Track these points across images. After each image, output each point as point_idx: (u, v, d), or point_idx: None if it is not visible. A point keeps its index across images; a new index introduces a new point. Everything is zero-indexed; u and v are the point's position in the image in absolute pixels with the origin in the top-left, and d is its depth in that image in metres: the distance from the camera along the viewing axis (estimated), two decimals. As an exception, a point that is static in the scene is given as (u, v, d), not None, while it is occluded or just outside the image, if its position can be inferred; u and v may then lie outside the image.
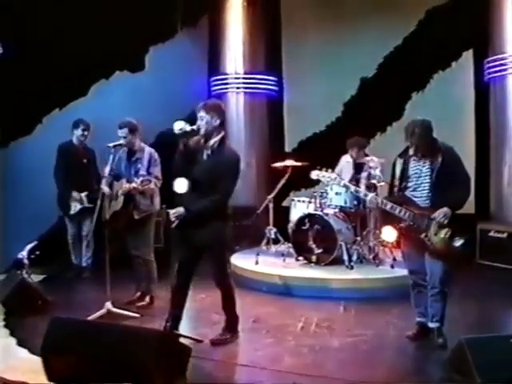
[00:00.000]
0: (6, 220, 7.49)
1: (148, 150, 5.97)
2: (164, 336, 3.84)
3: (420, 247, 4.90)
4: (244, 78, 9.59)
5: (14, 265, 6.49)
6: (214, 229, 4.71)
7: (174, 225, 4.72)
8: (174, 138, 4.67)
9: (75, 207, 7.28)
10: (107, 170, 5.64)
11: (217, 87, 9.66)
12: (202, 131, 4.70)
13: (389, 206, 4.92)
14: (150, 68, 9.03)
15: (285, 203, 8.80)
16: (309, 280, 6.62)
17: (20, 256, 6.19)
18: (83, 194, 7.26)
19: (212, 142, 4.75)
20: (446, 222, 4.78)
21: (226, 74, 9.65)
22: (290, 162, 7.68)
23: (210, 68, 9.85)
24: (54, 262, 7.53)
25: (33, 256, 6.28)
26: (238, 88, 9.58)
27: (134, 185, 5.64)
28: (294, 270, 6.94)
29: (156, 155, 5.95)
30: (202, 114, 4.70)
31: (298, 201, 7.71)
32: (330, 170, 5.43)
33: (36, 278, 6.78)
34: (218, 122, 4.72)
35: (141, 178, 5.64)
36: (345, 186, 5.42)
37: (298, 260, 7.21)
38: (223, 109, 4.86)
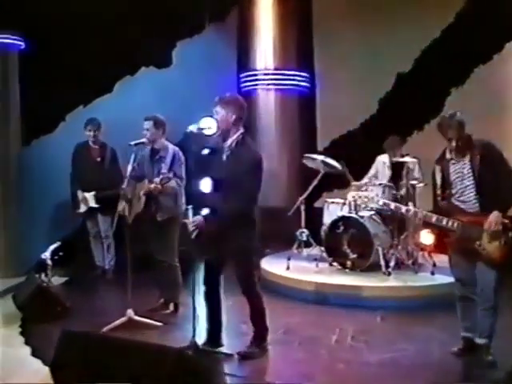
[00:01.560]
0: (29, 220, 7.49)
1: (172, 148, 5.75)
2: (182, 354, 3.40)
3: (471, 255, 4.46)
4: (274, 74, 9.37)
5: (37, 266, 6.37)
6: (239, 236, 4.42)
7: (193, 235, 4.44)
8: (199, 138, 4.56)
9: (82, 207, 7.25)
10: (129, 169, 5.42)
11: (246, 84, 9.47)
12: (218, 128, 4.43)
13: (434, 218, 4.55)
14: (177, 64, 8.89)
15: (317, 204, 8.58)
16: (343, 287, 6.32)
17: (43, 257, 6.07)
18: (89, 194, 7.18)
19: (230, 141, 4.47)
20: (500, 228, 4.29)
21: (255, 70, 9.46)
22: (320, 157, 7.45)
23: (239, 64, 9.67)
24: (77, 264, 7.47)
25: (56, 257, 6.18)
26: (268, 85, 9.37)
27: (153, 185, 5.43)
28: (327, 276, 6.68)
29: (180, 154, 5.72)
30: (217, 108, 4.44)
31: (332, 202, 7.43)
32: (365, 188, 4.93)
33: (58, 280, 6.76)
34: (233, 117, 4.42)
35: (160, 176, 5.42)
36: (384, 204, 5.19)
37: (331, 265, 6.93)
38: (242, 103, 4.54)
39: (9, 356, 4.72)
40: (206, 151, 4.51)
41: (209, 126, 4.47)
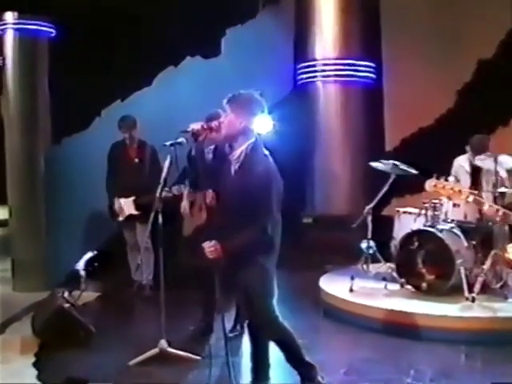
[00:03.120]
0: (59, 227, 7.29)
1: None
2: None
3: None
4: (336, 65, 8.88)
5: (69, 278, 6.27)
6: (253, 264, 3.95)
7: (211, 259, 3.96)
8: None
9: (121, 215, 6.93)
10: (163, 175, 4.97)
11: (304, 75, 9.07)
12: (223, 133, 4.08)
13: None
14: (227, 53, 8.65)
15: (385, 212, 8.01)
16: (418, 316, 5.59)
17: (77, 268, 5.89)
18: (127, 200, 6.87)
19: (237, 153, 3.99)
20: None
21: (314, 59, 9.00)
22: (392, 162, 6.79)
23: (296, 53, 9.30)
24: (112, 277, 7.19)
25: (90, 268, 5.96)
26: (328, 76, 8.92)
27: None
28: (398, 301, 5.99)
29: None
30: (227, 109, 4.02)
31: (404, 212, 6.82)
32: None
33: (89, 296, 6.59)
34: (243, 124, 3.95)
35: None
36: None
37: (403, 287, 6.28)
38: (257, 105, 4.03)
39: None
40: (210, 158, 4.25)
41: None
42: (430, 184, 4.75)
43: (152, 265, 6.89)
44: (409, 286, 6.22)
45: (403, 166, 6.70)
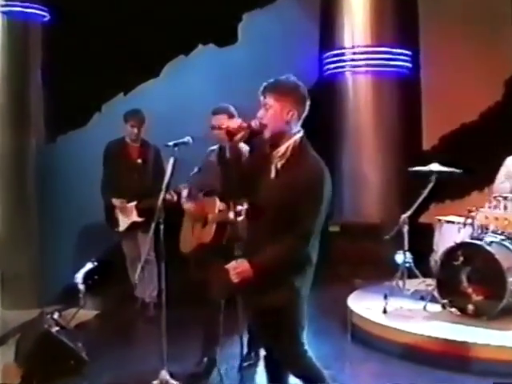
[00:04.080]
0: (53, 236, 7.28)
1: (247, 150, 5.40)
2: None
3: None
4: (367, 53, 8.78)
5: (66, 293, 6.26)
6: (285, 286, 3.63)
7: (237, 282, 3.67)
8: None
9: (123, 222, 6.78)
10: (166, 179, 4.88)
11: (331, 65, 8.95)
12: (269, 129, 3.65)
13: None
14: (243, 41, 8.61)
15: (423, 219, 7.89)
16: (465, 345, 5.32)
17: (75, 281, 5.76)
18: (128, 206, 6.74)
19: (283, 148, 3.62)
20: None
21: (343, 47, 8.91)
22: (435, 167, 6.61)
23: (321, 40, 9.22)
24: (113, 293, 7.16)
25: (90, 281, 5.87)
26: (358, 66, 8.82)
27: (232, 213, 4.80)
28: (440, 325, 5.80)
29: None
30: (267, 99, 3.61)
31: (446, 221, 6.60)
32: None
33: (87, 315, 6.47)
34: (291, 114, 3.59)
35: (245, 205, 4.77)
36: None
37: (445, 309, 6.05)
38: (305, 94, 3.70)
39: None
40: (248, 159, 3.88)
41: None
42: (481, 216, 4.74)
43: (156, 280, 6.68)
44: (452, 309, 6.04)
45: (445, 169, 6.61)
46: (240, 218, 4.68)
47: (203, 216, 5.19)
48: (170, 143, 4.88)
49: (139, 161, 6.82)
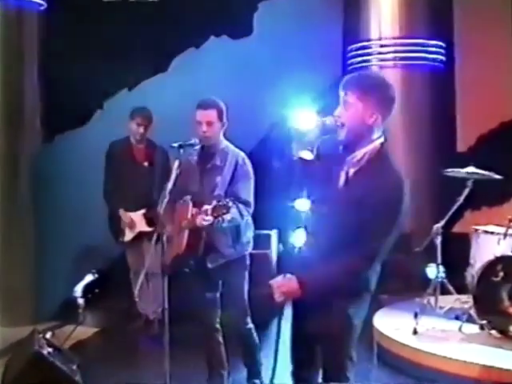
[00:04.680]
0: (51, 247, 7.16)
1: (234, 153, 5.15)
2: None
3: None
4: (396, 45, 8.55)
5: (64, 309, 6.29)
6: (337, 313, 3.44)
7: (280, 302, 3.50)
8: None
9: (129, 232, 6.74)
10: (169, 185, 4.75)
11: (356, 59, 8.68)
12: (346, 129, 3.46)
13: None
14: (259, 32, 8.45)
15: (457, 228, 7.70)
16: (505, 372, 5.08)
17: (74, 295, 5.59)
18: (135, 214, 6.69)
19: (359, 154, 3.44)
20: None
21: (369, 40, 8.66)
22: (471, 170, 6.47)
23: (345, 32, 8.94)
24: (114, 308, 7.15)
25: (90, 295, 5.64)
26: (386, 60, 8.57)
27: (203, 216, 4.76)
28: (478, 348, 5.59)
29: (247, 163, 5.14)
30: (348, 96, 3.41)
31: (484, 232, 6.41)
32: None
33: (86, 333, 6.48)
34: (374, 118, 3.40)
35: (213, 203, 4.75)
36: None
37: (483, 330, 5.85)
38: (393, 94, 3.53)
39: None
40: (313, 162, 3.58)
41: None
42: None
43: (161, 295, 6.53)
44: (492, 331, 5.82)
45: (482, 172, 6.44)
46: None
47: (177, 223, 5.08)
48: (175, 144, 4.79)
49: (145, 164, 6.81)
